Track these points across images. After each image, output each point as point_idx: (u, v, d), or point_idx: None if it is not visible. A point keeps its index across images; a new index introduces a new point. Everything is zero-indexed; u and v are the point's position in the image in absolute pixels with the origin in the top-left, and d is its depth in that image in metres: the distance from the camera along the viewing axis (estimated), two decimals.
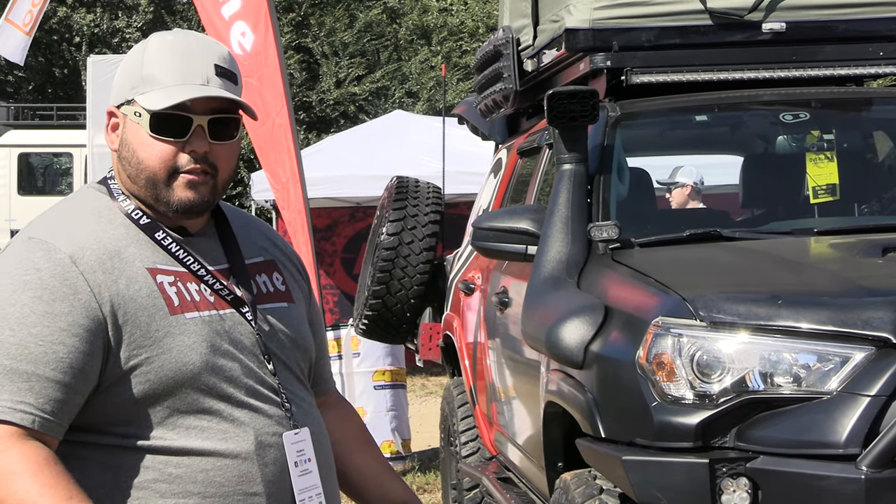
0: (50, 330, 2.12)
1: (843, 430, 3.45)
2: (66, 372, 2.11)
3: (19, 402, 2.09)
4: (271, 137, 8.32)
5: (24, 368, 2.10)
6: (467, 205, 9.25)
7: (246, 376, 2.24)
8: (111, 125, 2.30)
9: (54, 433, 2.12)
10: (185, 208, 2.25)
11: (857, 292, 3.74)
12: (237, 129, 2.30)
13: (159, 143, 2.23)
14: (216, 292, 2.27)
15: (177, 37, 2.31)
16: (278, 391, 2.28)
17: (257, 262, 2.39)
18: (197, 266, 2.26)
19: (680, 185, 7.37)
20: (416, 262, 6.98)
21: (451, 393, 6.74)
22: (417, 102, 22.43)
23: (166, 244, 2.25)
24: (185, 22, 22.99)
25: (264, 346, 2.29)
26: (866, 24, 5.27)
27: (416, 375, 12.99)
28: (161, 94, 2.22)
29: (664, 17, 5.20)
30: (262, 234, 2.46)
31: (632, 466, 3.65)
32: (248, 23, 8.22)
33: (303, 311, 2.44)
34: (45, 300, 2.13)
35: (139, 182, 2.25)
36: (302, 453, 2.28)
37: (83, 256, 2.17)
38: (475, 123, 7.33)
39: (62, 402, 2.12)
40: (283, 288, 2.41)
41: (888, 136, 5.52)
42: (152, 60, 2.26)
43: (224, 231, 2.36)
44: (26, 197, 18.49)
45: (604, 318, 3.93)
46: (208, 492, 2.19)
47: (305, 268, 2.53)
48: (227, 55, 2.30)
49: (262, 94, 8.22)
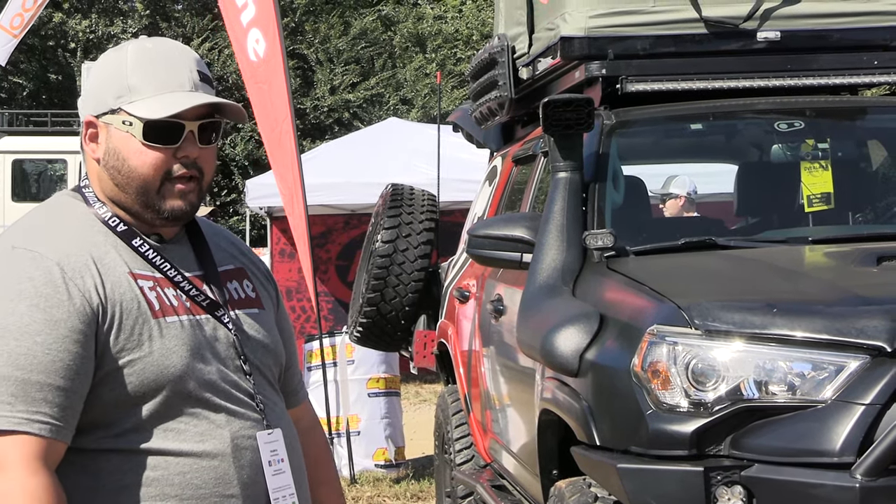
0: (53, 338, 2.14)
1: (838, 438, 3.46)
2: (73, 379, 2.15)
3: (35, 412, 2.12)
4: (280, 143, 8.37)
5: (36, 378, 2.13)
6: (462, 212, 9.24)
7: (223, 380, 2.28)
8: (89, 135, 2.31)
9: (66, 439, 2.16)
10: (175, 216, 2.29)
11: (852, 301, 3.75)
12: (218, 133, 2.34)
13: (152, 151, 2.25)
14: (192, 298, 2.30)
15: (156, 44, 2.33)
16: (253, 395, 2.32)
17: (228, 270, 2.43)
18: (173, 272, 2.29)
19: (674, 195, 7.38)
20: (410, 270, 6.98)
21: (446, 400, 6.74)
22: (412, 110, 22.44)
23: (143, 251, 2.28)
24: (179, 28, 23.00)
25: (241, 349, 2.32)
26: (861, 34, 5.29)
27: (411, 383, 12.98)
28: (152, 102, 2.24)
29: (659, 26, 5.21)
30: (230, 242, 2.51)
31: (626, 474, 3.66)
32: (261, 29, 8.27)
33: (272, 317, 2.48)
34: (42, 308, 2.15)
35: (129, 190, 2.28)
36: (275, 453, 2.31)
37: (69, 263, 2.20)
38: (470, 131, 7.33)
39: (71, 408, 2.16)
40: (253, 294, 2.44)
41: (882, 145, 5.53)
42: (136, 69, 2.27)
43: (196, 239, 2.40)
44: (20, 203, 18.46)
45: (599, 326, 3.94)
46: (185, 494, 2.21)
47: (273, 277, 2.57)
48: (200, 59, 2.35)
49: (273, 100, 8.26)
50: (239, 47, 8.49)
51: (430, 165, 10.76)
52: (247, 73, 8.57)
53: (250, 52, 8.31)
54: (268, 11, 8.27)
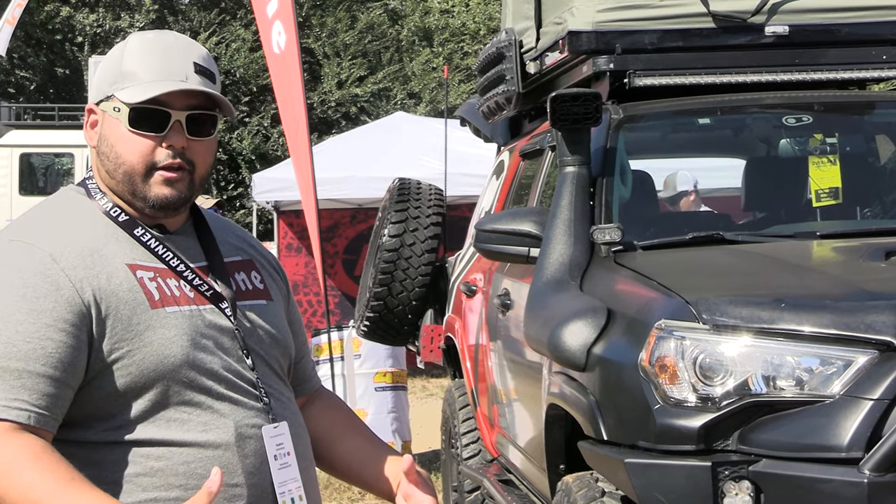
0: (35, 326, 2.14)
1: (846, 433, 3.45)
2: (56, 367, 2.14)
3: (13, 398, 2.11)
4: (297, 136, 8.43)
5: (15, 366, 2.12)
6: (469, 207, 9.25)
7: (225, 370, 2.27)
8: (90, 122, 2.34)
9: (49, 427, 2.15)
10: (161, 204, 2.28)
11: (860, 296, 3.74)
12: (214, 126, 2.33)
13: (138, 138, 2.26)
14: (195, 288, 2.30)
15: (157, 36, 2.35)
16: (257, 385, 2.31)
17: (236, 261, 2.43)
18: (176, 262, 2.29)
19: (686, 193, 7.37)
20: (417, 264, 6.98)
21: (453, 395, 6.74)
22: (419, 104, 22.45)
23: (145, 240, 2.29)
24: (187, 22, 23.01)
25: (243, 341, 2.32)
26: (869, 28, 5.28)
27: (417, 377, 12.99)
28: (139, 88, 2.26)
29: (667, 20, 5.20)
30: (237, 236, 2.51)
31: (634, 469, 3.65)
32: (282, 22, 8.33)
33: (281, 309, 2.48)
34: (29, 298, 2.16)
35: (116, 177, 2.29)
36: (281, 447, 2.31)
37: (63, 254, 2.20)
38: (477, 125, 7.33)
39: (54, 396, 2.14)
40: (261, 286, 2.44)
41: (891, 140, 5.52)
42: (132, 57, 2.30)
43: (202, 230, 2.40)
44: (27, 197, 18.48)
45: (606, 321, 3.94)
46: (190, 484, 2.20)
47: (283, 269, 2.57)
48: (206, 55, 2.35)
49: (292, 93, 8.33)
50: (266, 39, 8.57)
51: (437, 160, 10.77)
52: (272, 65, 8.67)
53: (274, 44, 8.40)
54: (286, 4, 8.33)
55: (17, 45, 23.93)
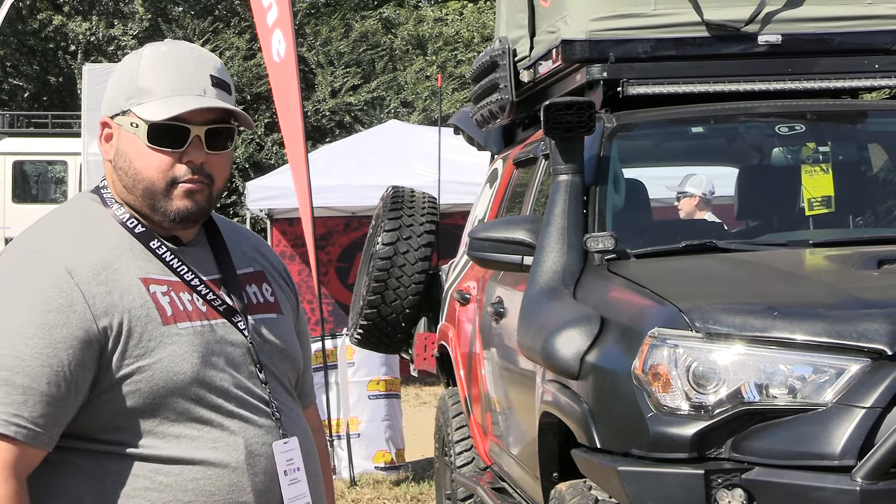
0: (45, 342, 2.13)
1: (839, 441, 3.46)
2: (60, 386, 2.13)
3: (14, 415, 2.11)
4: (295, 143, 8.46)
5: (21, 381, 2.12)
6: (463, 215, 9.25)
7: (236, 387, 2.26)
8: (105, 135, 2.31)
9: (45, 446, 2.15)
10: (182, 217, 2.26)
11: (853, 304, 3.75)
12: (231, 139, 2.32)
13: (157, 154, 2.24)
14: (208, 302, 2.28)
15: (171, 48, 2.32)
16: (269, 401, 2.30)
17: (247, 273, 2.41)
18: (190, 276, 2.28)
19: (689, 194, 7.37)
20: (411, 272, 6.97)
21: (446, 403, 6.74)
22: (413, 112, 22.44)
23: (160, 253, 2.27)
24: (180, 30, 23.00)
25: (256, 356, 2.30)
26: (862, 37, 5.29)
27: (411, 385, 12.98)
28: (159, 105, 2.23)
29: (661, 29, 5.21)
30: (251, 245, 2.48)
31: (627, 477, 3.66)
32: (282, 31, 8.37)
33: (291, 322, 2.46)
34: (40, 311, 2.14)
35: (136, 192, 2.27)
36: (291, 462, 2.30)
37: (78, 267, 2.18)
38: (471, 133, 7.34)
39: (54, 416, 2.14)
40: (272, 299, 2.43)
41: (883, 149, 5.54)
42: (148, 71, 2.27)
43: (215, 241, 2.38)
44: (20, 205, 18.48)
45: (600, 329, 3.94)
46: (199, 500, 2.20)
47: (292, 279, 2.55)
48: (220, 66, 2.32)
49: (289, 101, 8.35)
50: (266, 48, 8.60)
51: (430, 168, 10.78)
52: (272, 73, 8.71)
53: (274, 52, 8.43)
54: (285, 13, 8.36)
55: (10, 54, 23.93)
